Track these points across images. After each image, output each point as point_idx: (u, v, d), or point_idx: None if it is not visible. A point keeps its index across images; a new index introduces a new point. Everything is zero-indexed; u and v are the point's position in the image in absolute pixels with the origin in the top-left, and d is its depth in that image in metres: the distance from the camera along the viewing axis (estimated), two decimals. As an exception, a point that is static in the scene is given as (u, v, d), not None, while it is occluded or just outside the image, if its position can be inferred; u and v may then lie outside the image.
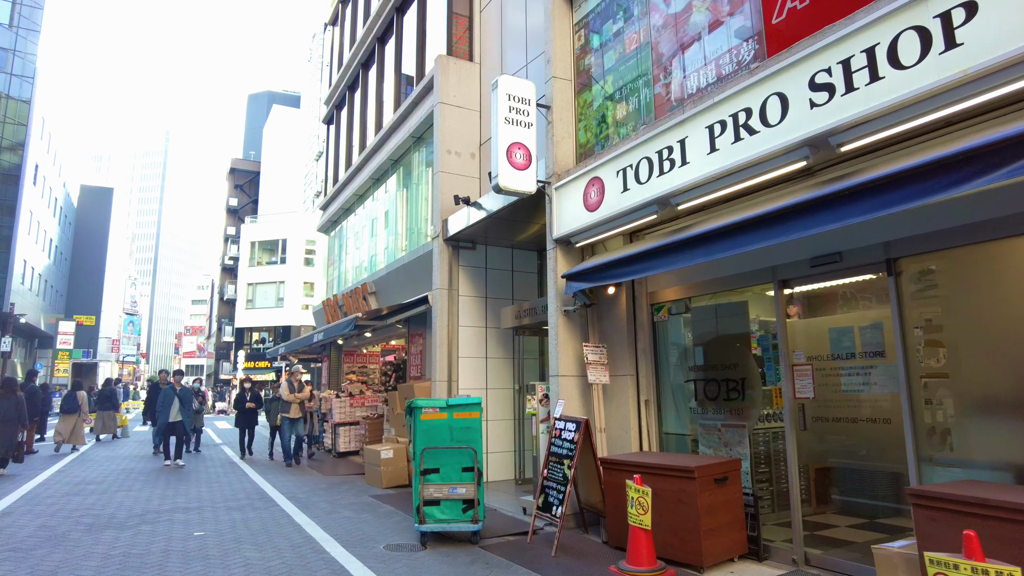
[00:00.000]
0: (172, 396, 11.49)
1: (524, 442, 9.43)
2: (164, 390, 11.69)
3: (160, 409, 11.56)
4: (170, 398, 11.47)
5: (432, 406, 5.93)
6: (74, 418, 13.86)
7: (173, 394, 11.53)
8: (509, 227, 9.03)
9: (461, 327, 9.46)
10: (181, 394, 11.67)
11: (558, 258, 6.76)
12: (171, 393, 11.54)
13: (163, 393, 11.66)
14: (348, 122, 15.94)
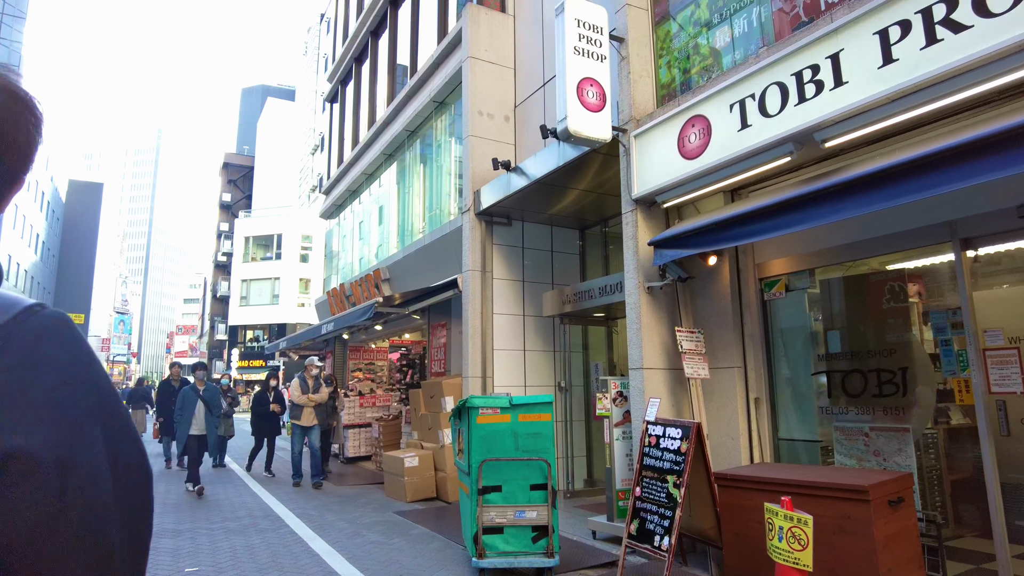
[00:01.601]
0: (194, 399, 8.47)
1: (572, 448, 8.13)
2: (183, 392, 8.69)
3: (179, 417, 8.52)
4: (191, 402, 8.46)
5: (491, 406, 4.62)
6: None
7: (195, 397, 8.50)
8: (551, 198, 7.74)
9: (495, 315, 8.15)
10: (206, 396, 8.61)
11: (639, 223, 5.45)
12: (192, 396, 8.52)
13: (182, 396, 8.57)
14: (355, 97, 14.60)
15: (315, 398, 9.23)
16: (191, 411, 8.41)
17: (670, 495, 4.30)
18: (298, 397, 9.16)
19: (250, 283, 40.32)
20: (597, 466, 8.28)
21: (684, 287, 5.45)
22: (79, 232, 54.70)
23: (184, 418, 8.37)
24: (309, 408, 9.16)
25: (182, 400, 8.52)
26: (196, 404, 8.46)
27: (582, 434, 8.48)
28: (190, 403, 8.49)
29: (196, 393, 8.55)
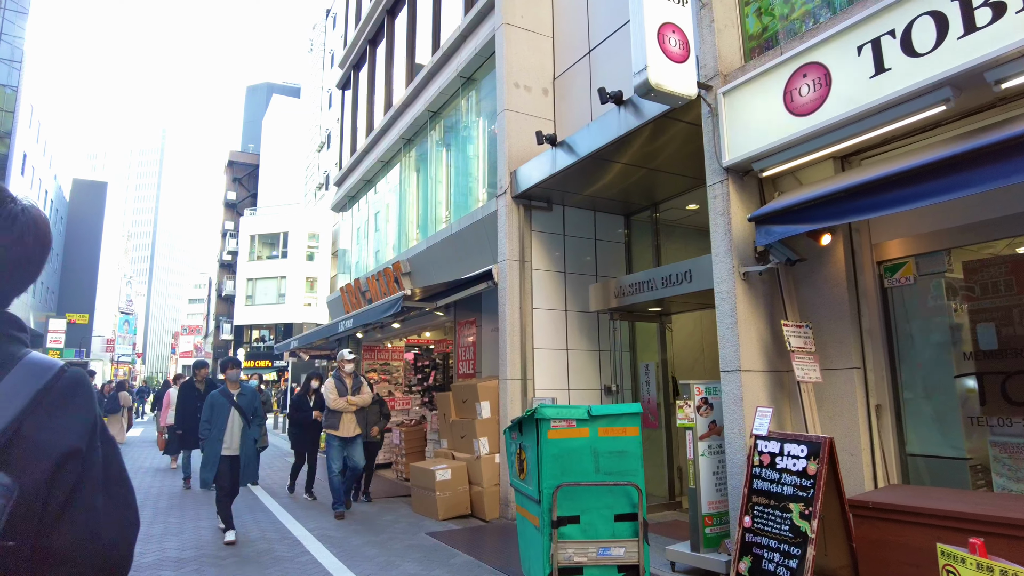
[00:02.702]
0: (226, 407, 6.23)
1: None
2: (211, 397, 6.32)
3: (207, 429, 6.17)
4: (222, 411, 6.20)
5: (566, 417, 3.75)
6: (117, 419, 14.08)
7: (228, 403, 6.24)
8: (599, 178, 6.88)
9: (535, 310, 7.28)
10: (242, 402, 6.30)
11: (731, 195, 4.57)
12: (223, 402, 6.25)
13: (210, 403, 6.28)
14: (369, 81, 13.74)
15: (356, 401, 7.35)
16: (223, 422, 6.14)
17: (796, 528, 3.42)
18: (334, 401, 7.24)
19: (256, 282, 39.60)
20: (652, 480, 7.40)
21: (787, 273, 4.57)
22: (83, 232, 54.09)
23: (214, 432, 6.11)
24: (349, 414, 7.31)
25: (211, 408, 6.23)
26: (229, 414, 6.19)
27: (630, 442, 7.59)
28: (221, 412, 6.18)
29: (228, 399, 6.23)
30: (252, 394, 6.44)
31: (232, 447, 6.14)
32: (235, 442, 6.15)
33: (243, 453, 6.17)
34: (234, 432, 6.16)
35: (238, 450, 6.17)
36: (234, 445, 6.15)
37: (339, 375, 7.44)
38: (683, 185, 7.22)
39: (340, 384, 7.36)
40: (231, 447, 6.12)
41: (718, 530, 4.62)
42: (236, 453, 6.15)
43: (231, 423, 6.17)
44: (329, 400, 7.30)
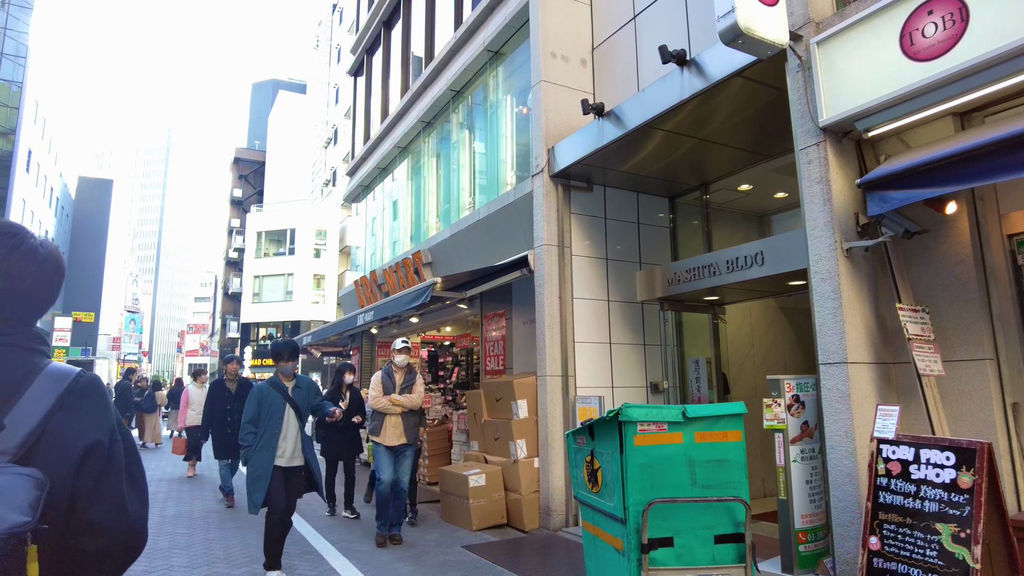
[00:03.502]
0: (280, 405, 4.69)
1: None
2: (260, 390, 4.79)
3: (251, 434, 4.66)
4: (275, 408, 4.67)
5: (655, 419, 3.11)
6: (154, 417, 14.22)
7: (282, 400, 4.70)
8: (647, 153, 6.26)
9: (575, 299, 6.64)
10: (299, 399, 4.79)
11: (829, 160, 3.92)
12: (277, 398, 4.70)
13: (258, 398, 4.73)
14: (384, 65, 13.12)
15: (401, 401, 5.81)
16: (276, 424, 4.59)
17: (948, 555, 2.78)
18: (374, 399, 5.89)
19: (263, 279, 39.10)
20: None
21: (897, 249, 3.92)
22: (89, 229, 53.80)
23: (264, 437, 4.57)
24: (393, 418, 5.84)
25: (257, 405, 4.67)
26: (284, 413, 4.66)
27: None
28: (273, 411, 4.63)
29: (282, 393, 4.70)
30: (310, 388, 4.91)
31: (288, 456, 4.62)
32: (292, 450, 4.65)
33: (310, 461, 4.73)
34: (289, 436, 4.65)
35: (296, 459, 4.67)
36: (290, 454, 4.64)
37: (389, 369, 6.06)
38: (736, 162, 6.58)
39: (387, 380, 5.96)
40: (287, 456, 4.62)
41: (813, 547, 3.98)
42: (294, 464, 4.65)
43: (286, 425, 4.64)
44: (369, 398, 6.04)
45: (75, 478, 1.07)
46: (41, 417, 1.06)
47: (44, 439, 1.05)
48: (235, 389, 7.73)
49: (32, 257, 1.18)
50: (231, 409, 7.46)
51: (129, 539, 1.15)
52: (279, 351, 4.82)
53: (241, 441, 4.68)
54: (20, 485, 0.96)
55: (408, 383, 5.99)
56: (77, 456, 1.08)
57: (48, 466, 1.03)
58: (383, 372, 6.05)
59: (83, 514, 1.08)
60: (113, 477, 1.13)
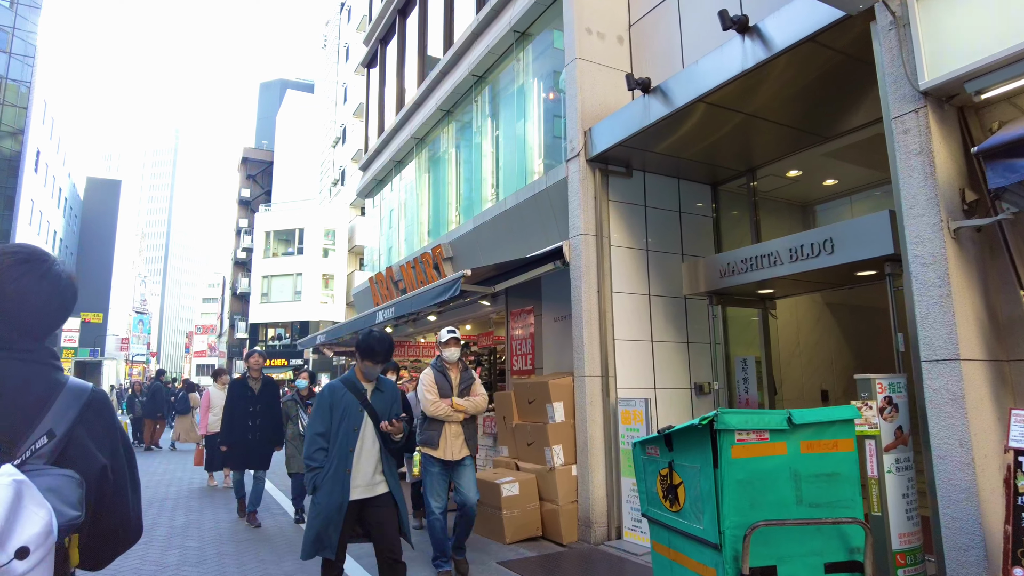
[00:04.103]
0: (357, 413, 3.51)
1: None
2: (330, 392, 3.58)
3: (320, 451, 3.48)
4: (351, 418, 3.49)
5: (755, 426, 2.62)
6: (187, 419, 14.08)
7: (359, 407, 3.52)
8: (690, 133, 5.78)
9: (615, 294, 6.15)
10: (380, 406, 3.58)
11: (931, 128, 3.42)
12: (353, 404, 3.52)
13: (328, 402, 3.54)
14: (399, 54, 12.66)
15: (464, 406, 4.77)
16: (350, 439, 3.46)
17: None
18: (433, 404, 4.74)
19: (271, 279, 38.79)
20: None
21: (1013, 229, 3.40)
22: (97, 230, 53.72)
23: (336, 460, 3.44)
24: (454, 426, 4.76)
25: (327, 410, 3.51)
26: (361, 424, 3.50)
27: (722, 450, 6.46)
28: (348, 418, 3.49)
29: (360, 397, 3.54)
30: (393, 394, 3.67)
31: (366, 482, 3.44)
32: (371, 473, 3.46)
33: (393, 491, 3.53)
34: (364, 455, 3.45)
35: (378, 485, 3.48)
36: (368, 478, 3.45)
37: (440, 365, 4.92)
38: (787, 144, 6.09)
39: (442, 379, 4.86)
40: (363, 481, 3.44)
41: (913, 571, 3.48)
42: (376, 492, 3.47)
43: (362, 439, 3.46)
44: (426, 402, 4.77)
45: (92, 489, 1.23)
46: (68, 427, 1.23)
47: (70, 447, 1.22)
48: (259, 389, 6.63)
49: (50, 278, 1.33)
50: (253, 412, 6.52)
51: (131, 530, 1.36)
52: (370, 348, 3.50)
53: (308, 460, 3.47)
54: (68, 485, 1.13)
55: (466, 383, 4.95)
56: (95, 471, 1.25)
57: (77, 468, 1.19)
58: (434, 370, 4.92)
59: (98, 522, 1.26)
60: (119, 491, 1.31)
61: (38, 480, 1.07)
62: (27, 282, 1.28)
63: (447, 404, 4.78)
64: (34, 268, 1.30)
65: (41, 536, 1.02)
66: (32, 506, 1.03)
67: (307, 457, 3.49)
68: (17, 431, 1.16)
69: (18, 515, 1.01)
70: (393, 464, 3.64)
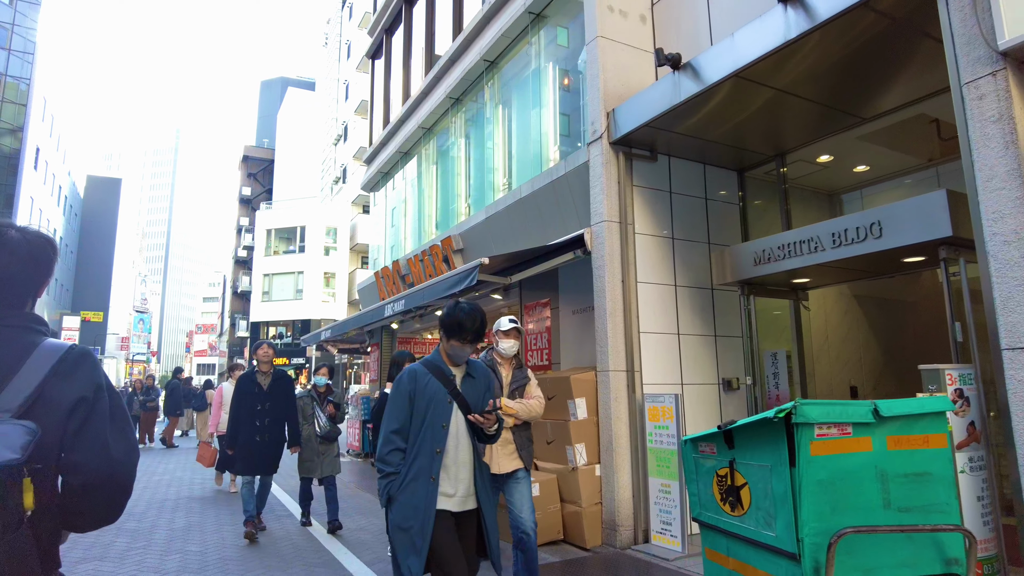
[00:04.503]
0: (445, 405, 2.82)
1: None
2: (407, 375, 2.83)
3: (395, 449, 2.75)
4: (439, 410, 2.78)
5: (835, 419, 2.30)
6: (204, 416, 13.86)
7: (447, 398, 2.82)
8: (720, 114, 5.48)
9: (639, 284, 5.83)
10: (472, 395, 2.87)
11: (1012, 92, 3.10)
12: (440, 392, 2.80)
13: (408, 390, 2.78)
14: (405, 43, 12.35)
15: (515, 410, 3.90)
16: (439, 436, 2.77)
17: None
18: (526, 407, 3.97)
19: (272, 278, 38.49)
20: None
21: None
22: (98, 228, 53.45)
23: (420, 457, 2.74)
24: (505, 433, 3.84)
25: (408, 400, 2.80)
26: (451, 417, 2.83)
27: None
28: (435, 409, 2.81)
29: (448, 385, 2.85)
30: (488, 381, 2.98)
31: (461, 493, 2.77)
32: (466, 483, 2.80)
33: (483, 505, 2.83)
34: (460, 458, 2.79)
35: (468, 499, 2.80)
36: (464, 490, 2.78)
37: (490, 359, 4.04)
38: (819, 125, 5.78)
39: (514, 365, 4.15)
40: (457, 491, 2.76)
41: (989, 584, 3.15)
42: (467, 507, 2.79)
43: (454, 437, 2.79)
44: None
45: (64, 428, 1.29)
46: (38, 383, 1.29)
47: (41, 400, 1.28)
48: (268, 385, 5.82)
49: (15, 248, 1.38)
50: (262, 411, 5.72)
51: (114, 475, 1.32)
52: (458, 325, 2.78)
53: (381, 464, 2.74)
54: (15, 432, 1.19)
55: (519, 382, 4.09)
56: (65, 410, 1.30)
57: (41, 419, 1.25)
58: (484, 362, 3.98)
59: (68, 456, 1.29)
60: (96, 425, 1.33)
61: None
62: None
63: (503, 403, 3.87)
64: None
65: None
66: None
67: (380, 460, 2.76)
68: None
69: None
70: (486, 471, 2.96)
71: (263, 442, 5.67)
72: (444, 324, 2.87)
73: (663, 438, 5.22)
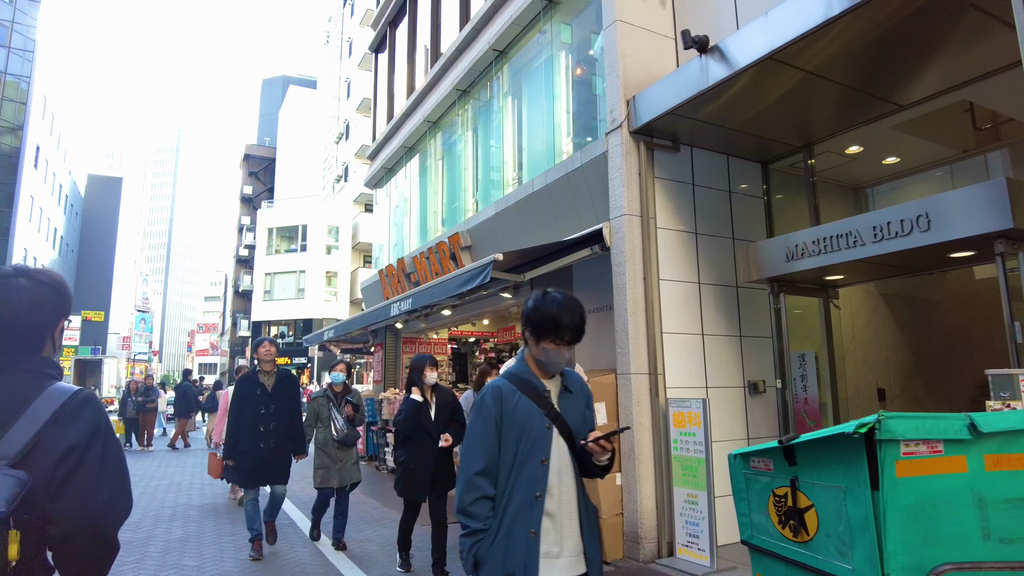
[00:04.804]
0: (543, 433, 2.03)
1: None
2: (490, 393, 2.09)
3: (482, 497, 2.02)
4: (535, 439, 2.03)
5: (925, 435, 1.98)
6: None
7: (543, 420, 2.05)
8: (749, 100, 5.17)
9: (662, 281, 5.51)
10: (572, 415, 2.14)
11: (1099, 64, 2.77)
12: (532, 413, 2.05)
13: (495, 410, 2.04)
14: (409, 36, 12.04)
15: None
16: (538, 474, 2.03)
17: None
18: None
19: (274, 277, 38.24)
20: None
21: None
22: (98, 228, 53.23)
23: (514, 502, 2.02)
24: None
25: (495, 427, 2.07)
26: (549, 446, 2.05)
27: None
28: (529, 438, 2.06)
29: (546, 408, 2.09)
30: (584, 392, 2.24)
31: (570, 548, 2.05)
32: (573, 536, 2.06)
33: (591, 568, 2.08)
34: (564, 501, 2.05)
35: (578, 561, 2.06)
36: (573, 545, 2.05)
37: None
38: (851, 113, 5.46)
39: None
40: (563, 547, 2.04)
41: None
42: (577, 571, 2.05)
43: (557, 471, 2.05)
44: None
45: (51, 477, 1.27)
46: (37, 430, 1.29)
47: (38, 447, 1.27)
48: (272, 386, 5.25)
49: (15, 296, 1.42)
50: (266, 415, 5.13)
51: (94, 525, 1.31)
52: (553, 319, 2.05)
53: (465, 519, 2.03)
54: (4, 483, 1.19)
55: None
56: (55, 459, 1.28)
57: (33, 468, 1.25)
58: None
59: (50, 505, 1.26)
60: (84, 474, 1.30)
61: None
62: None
63: None
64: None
65: None
66: None
67: (462, 512, 2.03)
68: None
69: None
70: (594, 515, 2.17)
71: (268, 449, 5.09)
72: (532, 321, 2.10)
73: (689, 445, 4.91)
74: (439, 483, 4.67)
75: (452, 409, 4.86)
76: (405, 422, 4.66)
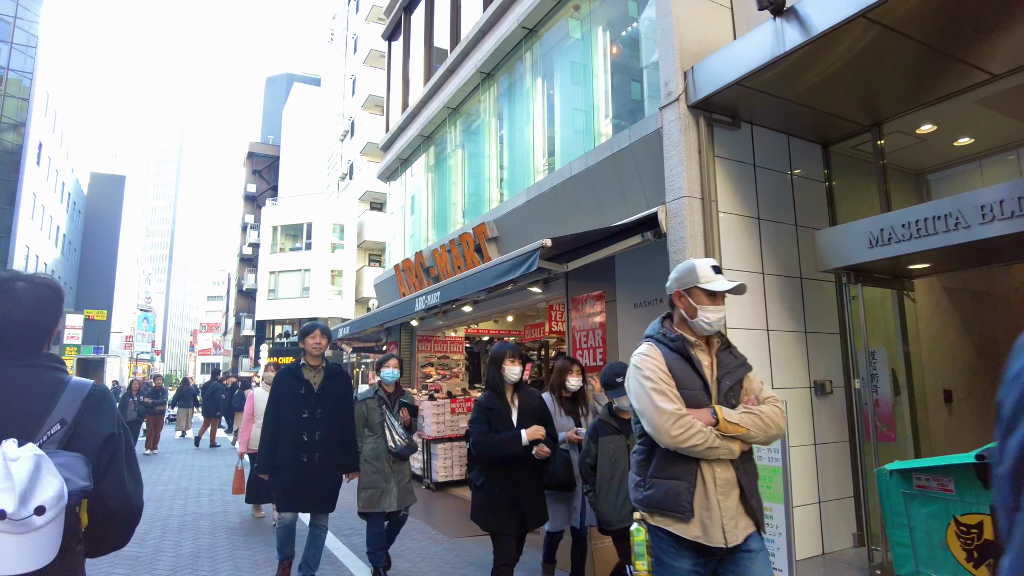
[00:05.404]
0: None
1: (824, 487, 5.02)
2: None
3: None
4: None
5: None
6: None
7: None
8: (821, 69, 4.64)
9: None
10: None
11: None
12: None
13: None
14: (427, 19, 11.53)
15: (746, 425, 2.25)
16: None
17: None
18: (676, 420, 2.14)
19: (278, 275, 37.77)
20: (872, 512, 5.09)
21: None
22: (101, 226, 52.86)
23: None
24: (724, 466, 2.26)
25: None
26: None
27: (844, 463, 5.33)
28: None
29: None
30: None
31: None
32: None
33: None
34: None
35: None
36: None
37: (677, 338, 2.37)
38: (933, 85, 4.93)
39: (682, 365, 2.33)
40: None
41: None
42: None
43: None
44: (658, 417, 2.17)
45: (97, 459, 1.46)
46: (74, 416, 1.47)
47: (78, 431, 1.46)
48: (320, 384, 4.22)
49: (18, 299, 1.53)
50: (310, 420, 4.08)
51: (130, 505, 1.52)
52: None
53: None
54: (77, 463, 1.39)
55: (732, 372, 2.42)
56: (100, 443, 1.48)
57: (83, 450, 1.43)
58: (662, 348, 2.35)
59: (97, 486, 1.42)
60: (118, 460, 1.51)
61: (53, 459, 1.34)
62: None
63: (708, 420, 2.20)
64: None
65: (55, 499, 1.29)
66: (48, 476, 1.30)
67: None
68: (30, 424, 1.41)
69: (37, 481, 1.27)
70: None
71: (313, 464, 4.01)
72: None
73: (763, 452, 4.39)
74: (529, 515, 3.58)
75: (540, 417, 3.73)
76: (483, 438, 3.50)
